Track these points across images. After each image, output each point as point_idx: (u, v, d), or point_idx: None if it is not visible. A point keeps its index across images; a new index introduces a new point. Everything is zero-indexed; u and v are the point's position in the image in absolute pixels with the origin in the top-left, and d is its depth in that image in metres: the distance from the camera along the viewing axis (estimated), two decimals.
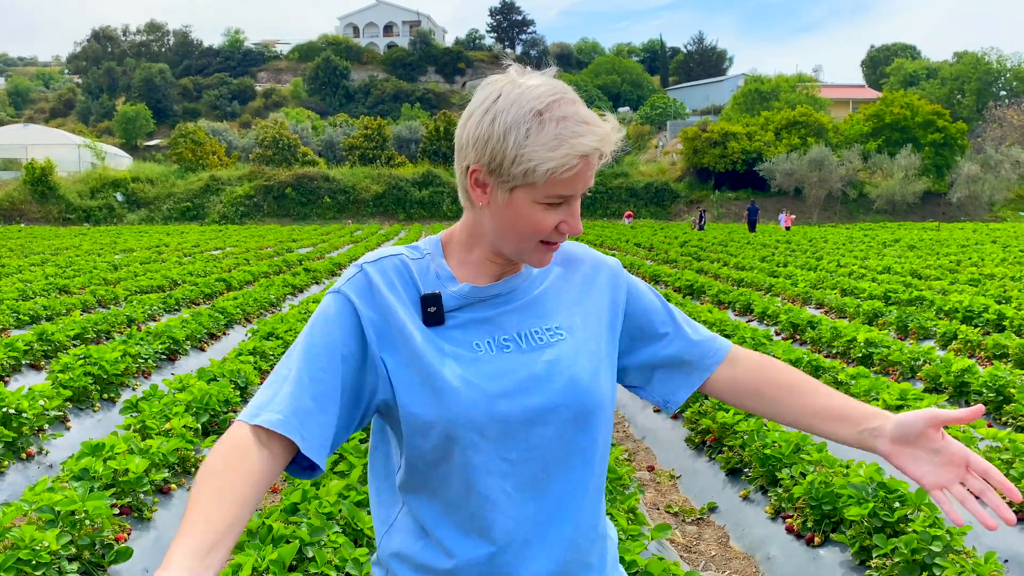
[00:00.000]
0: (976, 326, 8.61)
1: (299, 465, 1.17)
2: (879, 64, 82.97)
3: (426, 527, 1.23)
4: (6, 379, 6.28)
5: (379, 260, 1.23)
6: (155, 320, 9.50)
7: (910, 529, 3.16)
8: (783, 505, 3.92)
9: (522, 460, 1.19)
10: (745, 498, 4.33)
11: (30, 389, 4.90)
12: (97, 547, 3.15)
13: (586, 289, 1.33)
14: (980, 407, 1.13)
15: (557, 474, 1.22)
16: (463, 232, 1.27)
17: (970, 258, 17.32)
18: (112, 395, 5.82)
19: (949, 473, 1.17)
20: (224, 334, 8.79)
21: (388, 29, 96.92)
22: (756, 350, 7.67)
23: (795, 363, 6.29)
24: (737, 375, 1.38)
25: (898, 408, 4.83)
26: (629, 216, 41.18)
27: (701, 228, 34.93)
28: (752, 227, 33.67)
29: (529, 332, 1.24)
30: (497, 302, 1.24)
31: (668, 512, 4.54)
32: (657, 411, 6.07)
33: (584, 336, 1.27)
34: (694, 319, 7.84)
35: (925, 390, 5.92)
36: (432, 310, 1.20)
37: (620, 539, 3.04)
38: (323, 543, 2.92)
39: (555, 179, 1.13)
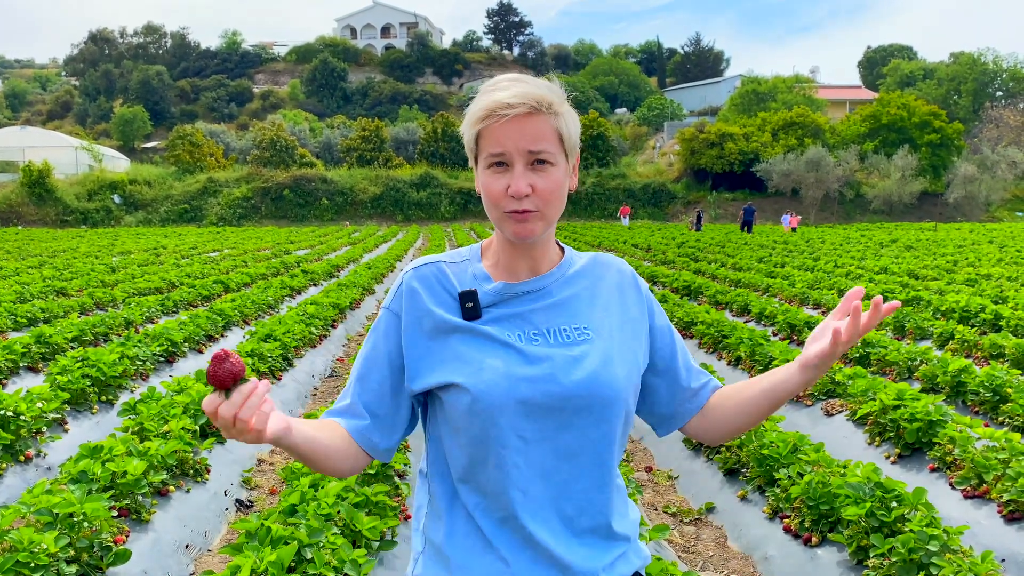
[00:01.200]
0: (973, 326, 8.63)
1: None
2: (876, 65, 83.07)
3: (453, 481, 1.37)
4: (4, 382, 6.28)
5: (419, 268, 1.40)
6: (153, 322, 9.50)
7: (907, 529, 3.16)
8: (781, 505, 3.93)
9: (535, 441, 1.30)
10: (743, 498, 4.34)
11: (28, 391, 4.89)
12: (95, 549, 3.15)
13: (618, 296, 1.44)
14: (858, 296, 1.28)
15: (567, 460, 1.31)
16: (496, 234, 1.41)
17: (967, 258, 17.36)
18: (110, 397, 5.81)
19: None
20: (222, 336, 8.79)
21: (385, 31, 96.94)
22: (755, 350, 7.58)
23: None
24: (710, 413, 1.51)
25: (896, 408, 4.83)
26: (625, 213, 40.61)
27: (698, 229, 34.93)
28: (748, 228, 33.67)
29: (558, 329, 1.36)
30: (528, 299, 1.37)
31: (666, 512, 4.54)
32: None
33: (610, 338, 1.38)
34: (692, 319, 7.75)
35: (922, 390, 5.92)
36: (469, 305, 1.35)
37: None
38: (322, 544, 2.93)
39: (482, 140, 1.29)
